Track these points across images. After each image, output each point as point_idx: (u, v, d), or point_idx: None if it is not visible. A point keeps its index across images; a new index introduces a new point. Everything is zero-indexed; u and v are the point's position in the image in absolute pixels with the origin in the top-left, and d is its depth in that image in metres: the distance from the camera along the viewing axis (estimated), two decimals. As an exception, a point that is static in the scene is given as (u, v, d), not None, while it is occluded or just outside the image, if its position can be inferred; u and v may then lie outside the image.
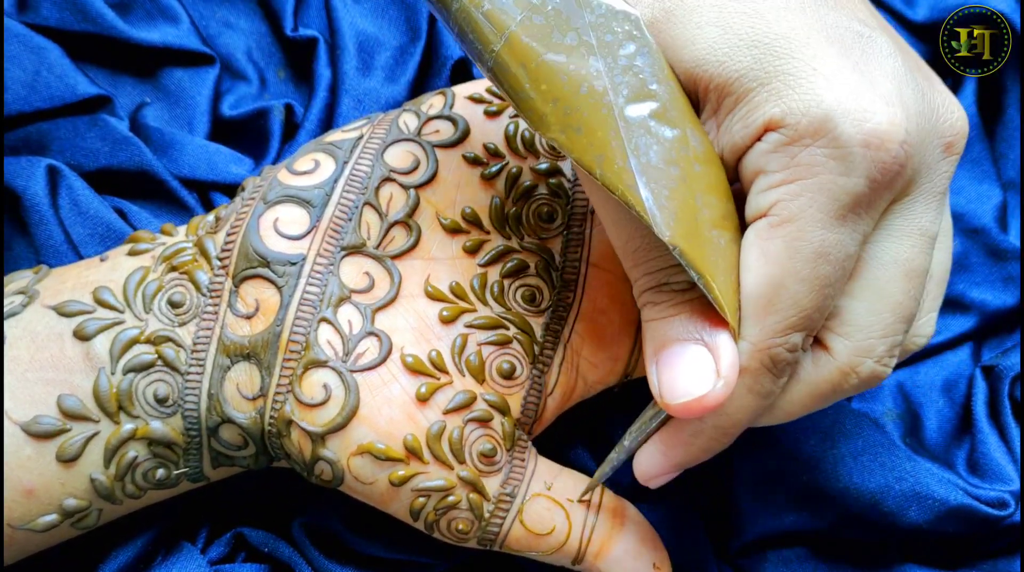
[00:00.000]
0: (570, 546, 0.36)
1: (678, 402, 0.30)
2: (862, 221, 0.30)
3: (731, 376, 0.30)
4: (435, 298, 0.36)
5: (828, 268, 0.29)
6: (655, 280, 0.32)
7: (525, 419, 0.37)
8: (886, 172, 0.29)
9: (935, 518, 0.40)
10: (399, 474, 0.34)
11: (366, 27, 0.45)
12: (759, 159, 0.30)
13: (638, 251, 0.32)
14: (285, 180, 0.36)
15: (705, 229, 0.30)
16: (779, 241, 0.29)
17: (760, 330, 0.30)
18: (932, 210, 0.31)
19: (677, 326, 0.31)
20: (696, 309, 0.31)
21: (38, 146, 0.43)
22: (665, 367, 0.31)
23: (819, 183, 0.29)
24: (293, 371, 0.34)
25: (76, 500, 0.34)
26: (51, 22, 0.44)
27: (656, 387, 0.31)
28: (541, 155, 0.39)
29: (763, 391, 0.31)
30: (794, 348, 0.30)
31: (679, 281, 0.31)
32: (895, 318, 0.31)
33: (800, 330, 0.30)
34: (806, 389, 0.32)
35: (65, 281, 0.36)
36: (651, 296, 0.32)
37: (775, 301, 0.29)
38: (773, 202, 0.29)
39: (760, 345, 0.30)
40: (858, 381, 0.32)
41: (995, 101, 0.48)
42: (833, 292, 0.30)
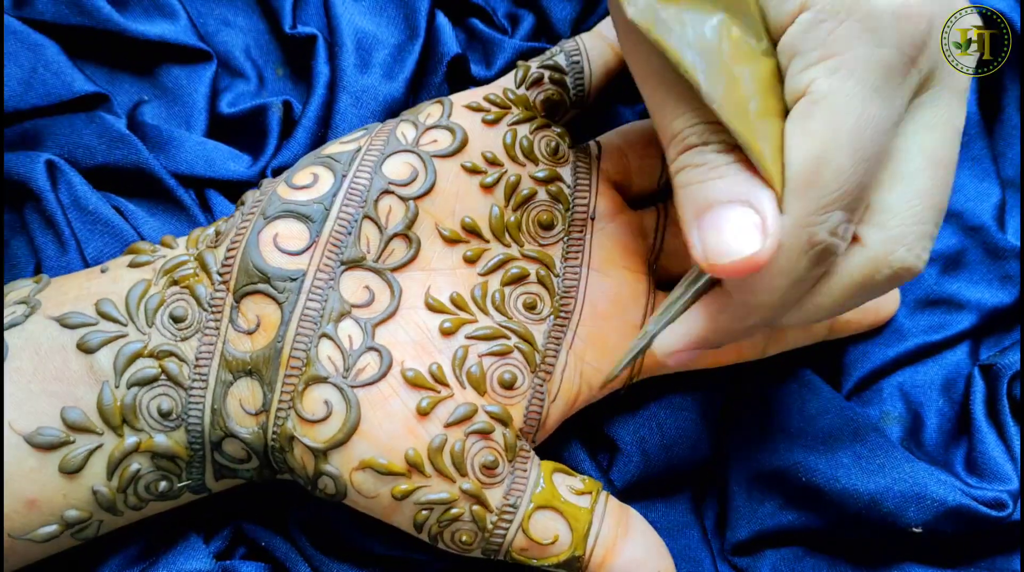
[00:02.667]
0: (574, 555, 0.36)
1: (726, 261, 0.29)
2: (896, 96, 0.30)
3: (775, 236, 0.29)
4: (436, 310, 0.36)
5: (868, 140, 0.29)
6: (697, 137, 0.31)
7: (528, 428, 0.37)
8: (914, 46, 0.29)
9: (933, 518, 0.40)
10: (401, 488, 0.34)
11: (364, 25, 0.45)
12: (795, 41, 0.30)
13: (679, 101, 0.31)
14: (284, 195, 0.36)
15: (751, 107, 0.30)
16: (820, 116, 0.29)
17: (802, 205, 0.29)
18: (956, 104, 0.32)
19: (721, 187, 0.30)
20: (741, 172, 0.30)
21: (34, 143, 0.43)
22: (709, 229, 0.30)
23: (855, 56, 0.29)
24: (294, 387, 0.34)
25: (77, 511, 0.34)
26: (47, 16, 0.44)
27: (699, 250, 0.30)
28: (540, 162, 0.39)
29: (796, 274, 0.30)
30: (833, 230, 0.30)
31: (720, 140, 0.30)
32: (924, 206, 0.31)
33: (841, 207, 0.29)
34: (839, 283, 0.31)
35: (66, 292, 0.36)
36: (692, 156, 0.31)
37: (817, 175, 0.29)
38: (811, 80, 0.29)
39: (800, 220, 0.29)
40: (890, 272, 0.31)
41: (994, 100, 0.48)
42: (871, 167, 0.30)
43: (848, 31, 0.29)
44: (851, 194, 0.29)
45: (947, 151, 0.32)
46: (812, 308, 0.32)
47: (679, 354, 0.33)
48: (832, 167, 0.29)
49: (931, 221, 0.31)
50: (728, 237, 0.29)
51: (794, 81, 0.30)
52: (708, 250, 0.30)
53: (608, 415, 0.43)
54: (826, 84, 0.29)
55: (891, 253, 0.31)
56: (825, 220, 0.29)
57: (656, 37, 0.30)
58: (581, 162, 0.40)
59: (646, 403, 0.43)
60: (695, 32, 0.30)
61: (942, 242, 0.46)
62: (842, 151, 0.29)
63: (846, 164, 0.29)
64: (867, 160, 0.29)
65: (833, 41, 0.29)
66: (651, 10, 0.30)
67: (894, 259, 0.31)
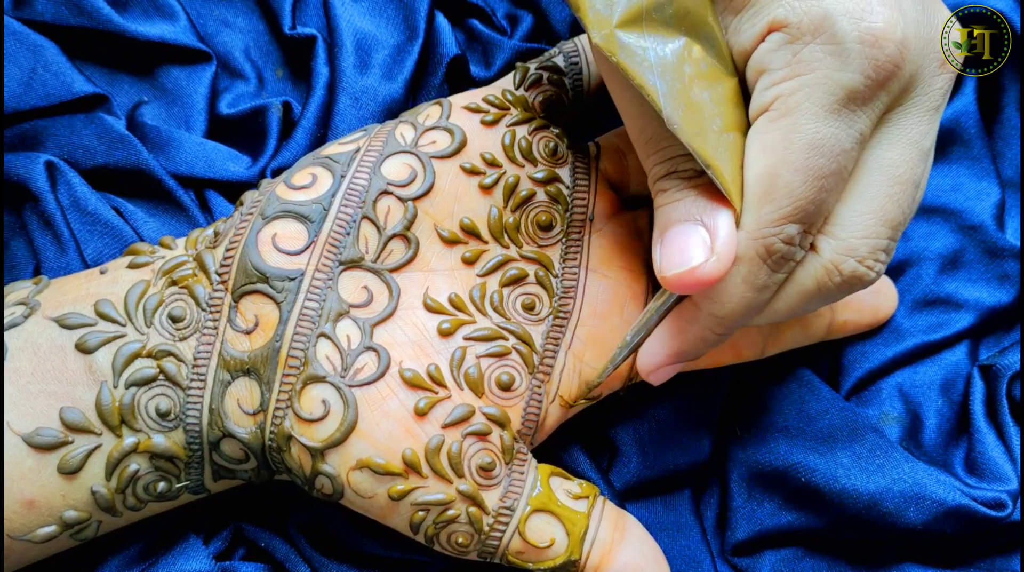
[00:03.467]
0: (570, 559, 0.36)
1: (672, 273, 0.32)
2: (858, 118, 0.31)
3: (725, 254, 0.31)
4: (434, 310, 0.36)
5: (822, 160, 0.31)
6: (665, 168, 0.33)
7: (526, 430, 0.37)
8: (880, 70, 0.31)
9: (933, 518, 0.40)
10: (398, 488, 0.34)
11: (364, 25, 0.45)
12: (763, 58, 0.31)
13: (651, 140, 0.34)
14: (283, 195, 0.36)
15: (712, 126, 0.32)
16: (776, 133, 0.31)
17: (756, 218, 0.32)
18: (925, 123, 0.33)
19: (681, 208, 0.33)
20: (701, 195, 0.32)
21: (34, 143, 0.43)
22: (666, 244, 0.33)
23: (817, 78, 0.30)
24: (292, 386, 0.34)
25: (76, 512, 0.34)
26: (47, 17, 0.44)
27: (658, 263, 0.33)
28: (538, 163, 0.39)
29: (757, 282, 0.32)
30: (789, 240, 0.32)
31: (687, 169, 0.33)
32: (876, 221, 0.33)
33: (795, 221, 0.31)
34: (794, 288, 0.34)
35: (65, 293, 0.36)
36: (662, 183, 0.34)
37: (771, 190, 0.31)
38: (774, 98, 0.31)
39: (755, 234, 0.32)
40: (840, 280, 0.33)
41: (993, 100, 0.48)
42: (829, 185, 0.31)
43: (813, 53, 0.30)
44: (804, 209, 0.31)
45: (907, 168, 0.33)
46: (772, 312, 0.34)
47: (660, 370, 0.36)
48: (784, 182, 0.31)
49: (884, 235, 0.33)
50: (677, 253, 0.32)
51: (760, 97, 0.32)
52: (662, 262, 0.33)
53: (608, 416, 0.43)
54: (787, 102, 0.31)
55: (841, 263, 0.33)
56: (779, 232, 0.31)
57: (619, 61, 0.31)
58: (580, 163, 0.40)
59: (646, 404, 0.43)
60: (657, 55, 0.31)
61: (940, 242, 0.46)
62: (794, 168, 0.31)
63: (797, 181, 0.31)
64: (822, 178, 0.31)
65: (799, 61, 0.31)
66: (613, 36, 0.31)
67: (845, 269, 0.33)
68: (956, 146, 0.47)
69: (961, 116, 0.46)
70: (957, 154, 0.47)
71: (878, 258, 0.33)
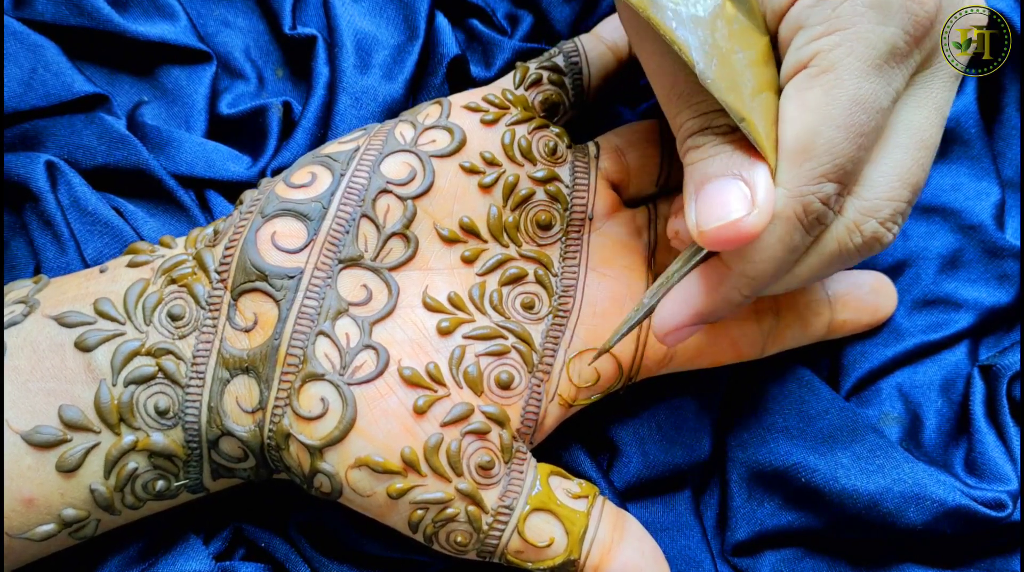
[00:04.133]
0: (570, 558, 0.36)
1: (712, 226, 0.31)
2: (895, 76, 0.31)
3: (766, 208, 0.31)
4: (433, 309, 0.36)
5: (863, 116, 0.30)
6: (698, 124, 0.33)
7: (525, 429, 0.37)
8: (919, 26, 0.31)
9: (933, 519, 0.40)
10: (397, 487, 0.34)
11: (364, 25, 0.45)
12: (800, 14, 0.31)
13: (683, 95, 0.33)
14: (282, 193, 0.36)
15: (746, 83, 0.31)
16: (817, 90, 0.30)
17: (796, 176, 0.31)
18: (948, 88, 0.33)
19: (717, 164, 0.32)
20: (737, 149, 0.32)
21: (34, 143, 0.43)
22: (703, 200, 0.32)
23: (858, 33, 0.30)
24: (291, 384, 0.34)
25: (75, 510, 0.34)
26: (47, 17, 0.44)
27: (693, 220, 0.32)
28: (538, 162, 0.39)
29: (791, 242, 0.32)
30: (826, 199, 0.31)
31: (721, 124, 0.32)
32: (901, 183, 0.32)
33: (834, 179, 0.31)
34: (816, 249, 0.33)
35: (65, 291, 0.36)
36: (695, 139, 0.33)
37: (812, 147, 0.31)
38: (813, 54, 0.31)
39: (795, 191, 0.31)
40: (861, 242, 0.33)
41: (993, 100, 0.48)
42: (866, 143, 0.31)
43: (854, 7, 0.30)
44: (843, 167, 0.31)
45: (932, 132, 0.33)
46: (793, 277, 0.34)
47: (677, 331, 0.35)
48: (826, 139, 0.30)
49: (905, 198, 0.33)
50: (717, 207, 0.31)
51: (797, 54, 0.31)
52: (700, 218, 0.32)
53: (608, 416, 0.43)
54: (827, 58, 0.30)
55: (863, 223, 0.33)
56: (818, 190, 0.31)
57: (650, 15, 0.31)
58: (579, 162, 0.40)
59: (646, 403, 0.43)
60: (689, 11, 0.31)
61: (940, 242, 0.46)
62: (836, 125, 0.30)
63: (839, 138, 0.30)
64: (862, 135, 0.31)
65: (838, 16, 0.30)
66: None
67: (866, 229, 0.33)
68: (956, 146, 0.47)
69: (961, 116, 0.46)
70: (957, 154, 0.47)
71: (896, 221, 0.33)
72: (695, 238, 0.32)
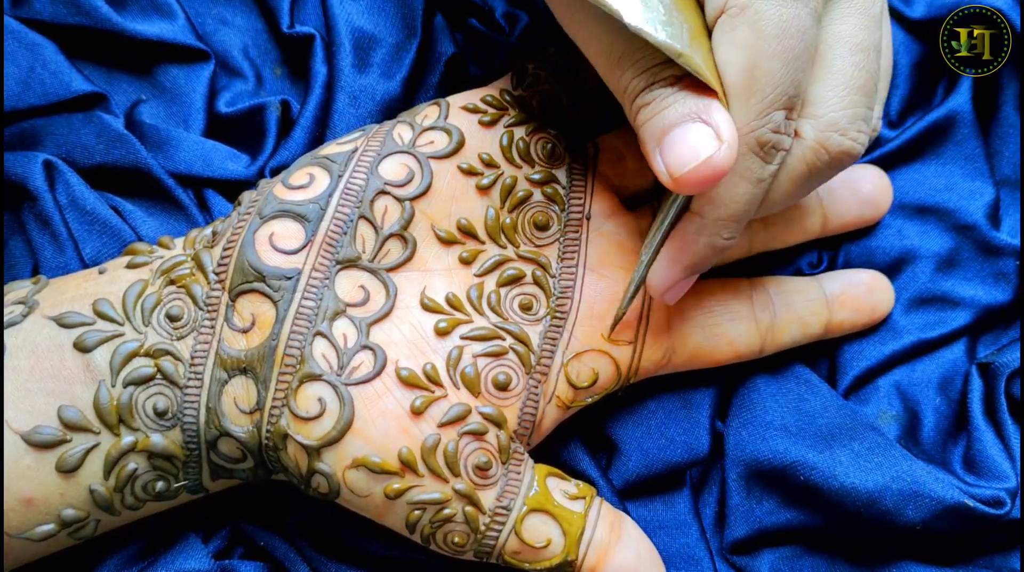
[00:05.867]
0: (567, 559, 0.36)
1: (685, 170, 0.31)
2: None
3: (732, 140, 0.31)
4: (431, 310, 0.36)
5: (792, 41, 0.31)
6: (644, 81, 0.33)
7: (522, 430, 0.37)
8: None
9: (932, 516, 0.40)
10: (394, 487, 0.34)
11: (362, 24, 0.45)
12: None
13: (622, 57, 0.33)
14: (280, 194, 0.36)
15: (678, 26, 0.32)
16: (742, 28, 0.31)
17: (743, 113, 0.32)
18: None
19: (672, 112, 0.32)
20: (689, 94, 0.32)
21: (32, 142, 0.43)
22: (668, 148, 0.32)
23: None
24: (288, 385, 0.34)
25: (75, 510, 0.34)
26: (45, 16, 0.44)
27: (662, 169, 0.32)
28: (536, 164, 0.39)
29: (754, 176, 0.33)
30: (776, 128, 0.32)
31: (667, 75, 0.32)
32: (849, 90, 0.33)
33: (779, 107, 0.32)
34: (786, 175, 0.34)
35: (64, 292, 0.36)
36: (643, 97, 0.33)
37: (752, 82, 0.31)
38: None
39: (745, 128, 0.32)
40: (829, 157, 0.34)
41: (991, 98, 0.48)
42: (802, 65, 0.32)
43: None
44: (786, 93, 0.32)
45: (866, 35, 0.34)
46: (768, 204, 0.35)
47: (674, 288, 0.36)
48: (763, 71, 0.31)
49: (860, 104, 0.34)
50: (686, 151, 0.31)
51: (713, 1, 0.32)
52: (670, 167, 0.32)
53: (607, 415, 0.43)
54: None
55: (826, 140, 0.33)
56: (768, 121, 0.32)
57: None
58: (577, 164, 0.40)
59: (645, 403, 0.43)
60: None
61: (935, 241, 0.46)
62: (769, 55, 0.31)
63: (776, 67, 0.31)
64: (796, 59, 0.31)
65: None
66: None
67: (831, 145, 0.33)
68: (950, 145, 0.47)
69: (955, 115, 0.46)
70: (951, 153, 0.47)
71: (860, 129, 0.34)
72: (670, 186, 0.32)
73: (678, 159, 0.31)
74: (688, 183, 0.31)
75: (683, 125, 0.32)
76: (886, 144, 0.47)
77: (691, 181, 0.31)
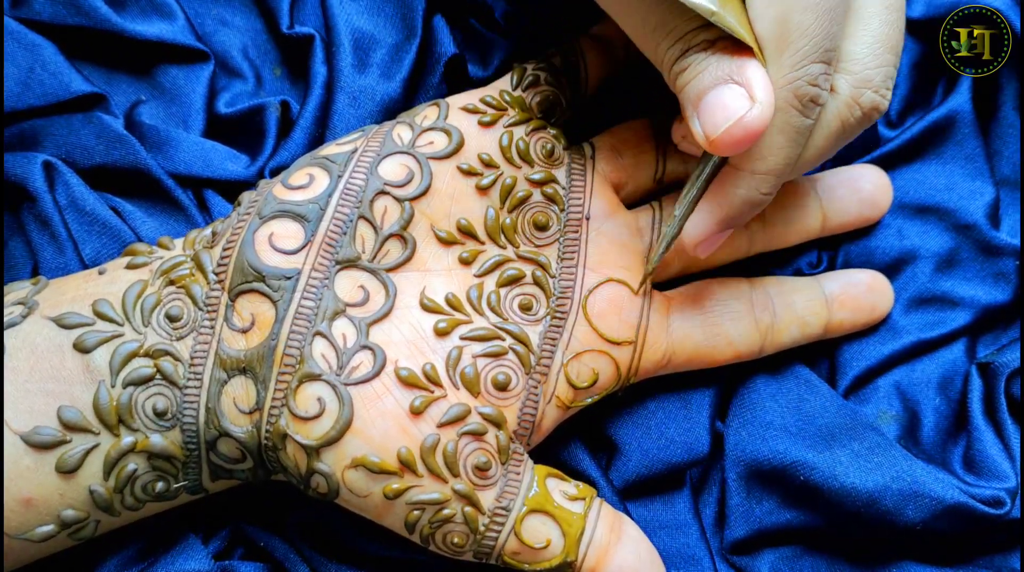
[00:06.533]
0: (566, 560, 0.36)
1: (720, 131, 0.32)
2: None
3: (766, 99, 0.32)
4: (430, 310, 0.36)
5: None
6: (679, 48, 0.33)
7: (522, 430, 0.37)
8: None
9: (932, 516, 0.40)
10: (393, 487, 0.34)
11: (362, 24, 0.45)
12: None
13: (657, 27, 0.34)
14: (280, 195, 0.36)
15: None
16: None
17: (780, 66, 0.32)
18: None
19: (707, 76, 0.33)
20: (724, 55, 0.33)
21: (32, 143, 0.43)
22: (704, 110, 0.33)
23: None
24: (288, 385, 0.34)
25: (74, 511, 0.34)
26: (44, 16, 0.44)
27: (699, 133, 0.33)
28: (535, 164, 0.39)
29: (793, 129, 0.33)
30: (814, 81, 0.32)
31: (701, 40, 0.33)
32: (884, 48, 0.34)
33: (816, 60, 0.32)
34: (820, 131, 0.35)
35: (64, 293, 0.36)
36: (680, 64, 0.34)
37: (785, 35, 0.32)
38: None
39: (782, 81, 0.32)
40: (861, 113, 0.35)
41: (990, 98, 0.48)
42: (836, 18, 0.32)
43: None
44: (821, 46, 0.32)
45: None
46: (801, 162, 0.35)
47: (708, 240, 0.37)
48: (796, 23, 0.32)
49: (891, 62, 0.34)
50: (718, 112, 0.32)
51: None
52: (706, 127, 0.33)
53: (607, 415, 0.43)
54: None
55: (860, 96, 0.34)
56: (805, 74, 0.32)
57: None
58: (576, 163, 0.40)
59: (645, 403, 0.43)
60: None
61: (935, 241, 0.46)
62: (803, 8, 0.31)
63: (809, 19, 0.31)
64: (830, 11, 0.32)
65: None
66: None
67: (864, 101, 0.34)
68: (950, 145, 0.47)
69: (955, 115, 0.46)
70: (951, 153, 0.47)
71: (888, 86, 0.35)
72: (707, 148, 0.33)
73: (711, 121, 0.32)
74: (723, 144, 0.32)
75: (717, 87, 0.32)
76: (886, 144, 0.47)
77: (726, 142, 0.32)
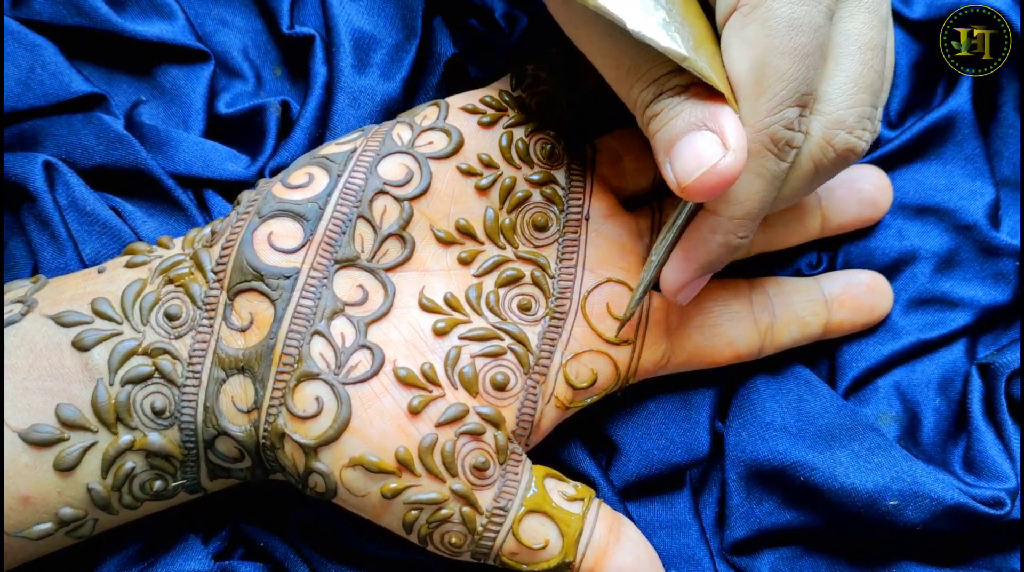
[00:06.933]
0: (564, 561, 0.36)
1: (693, 178, 0.32)
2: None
3: (739, 147, 0.32)
4: (429, 310, 0.36)
5: (803, 38, 0.31)
6: (652, 92, 0.33)
7: (521, 430, 0.37)
8: None
9: (932, 517, 0.40)
10: (391, 487, 0.34)
11: (362, 25, 0.45)
12: None
13: (630, 70, 0.34)
14: (279, 194, 0.36)
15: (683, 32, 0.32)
16: (754, 25, 0.31)
17: (755, 111, 0.32)
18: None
19: (679, 122, 0.33)
20: (697, 101, 0.32)
21: (32, 143, 0.43)
22: (676, 157, 0.33)
23: None
24: (286, 384, 0.34)
25: (72, 509, 0.34)
26: (44, 17, 0.44)
27: (672, 179, 0.33)
28: (535, 165, 0.39)
29: (769, 173, 0.33)
30: (789, 124, 0.32)
31: (674, 85, 0.33)
32: (857, 88, 0.34)
33: (791, 104, 0.32)
34: (794, 173, 0.34)
35: (63, 291, 0.36)
36: (652, 108, 0.34)
37: (762, 79, 0.32)
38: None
39: (757, 125, 0.32)
40: (835, 155, 0.34)
41: (990, 99, 0.48)
42: (813, 62, 0.32)
43: None
44: (798, 90, 0.32)
45: (872, 34, 0.34)
46: (776, 201, 0.35)
47: (688, 287, 0.37)
48: (773, 68, 0.31)
49: (866, 103, 0.34)
50: (691, 159, 0.32)
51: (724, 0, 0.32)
52: (678, 174, 0.32)
53: (607, 415, 0.43)
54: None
55: (833, 137, 0.34)
56: (780, 118, 0.32)
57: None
58: (575, 165, 0.40)
59: (644, 403, 0.43)
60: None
61: (935, 241, 0.46)
62: (780, 52, 0.31)
63: (786, 64, 0.31)
64: (807, 56, 0.32)
65: None
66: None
67: (837, 142, 0.34)
68: (950, 146, 0.47)
69: (955, 115, 0.46)
70: (951, 154, 0.47)
71: (865, 127, 0.34)
72: (680, 194, 0.33)
73: (685, 168, 0.32)
74: (696, 191, 0.32)
75: (690, 134, 0.32)
76: (886, 144, 0.47)
77: (698, 189, 0.32)
